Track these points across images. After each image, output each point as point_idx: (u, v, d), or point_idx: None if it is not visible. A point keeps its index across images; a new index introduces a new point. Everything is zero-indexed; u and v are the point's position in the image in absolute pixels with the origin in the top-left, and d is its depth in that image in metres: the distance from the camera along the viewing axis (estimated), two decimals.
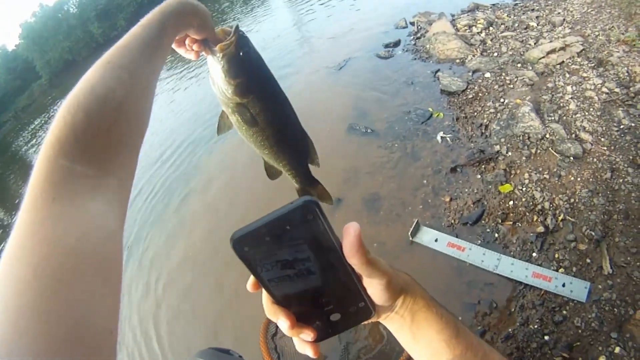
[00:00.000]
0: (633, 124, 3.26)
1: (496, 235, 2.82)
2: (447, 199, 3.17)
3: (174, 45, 0.90)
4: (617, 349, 2.07)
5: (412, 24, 6.38)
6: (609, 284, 2.34)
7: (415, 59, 5.31)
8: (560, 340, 2.21)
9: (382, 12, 7.24)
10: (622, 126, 3.27)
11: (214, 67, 0.89)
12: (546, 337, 2.25)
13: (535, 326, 2.31)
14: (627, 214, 2.65)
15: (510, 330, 2.34)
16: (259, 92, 0.91)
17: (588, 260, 2.49)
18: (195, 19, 0.86)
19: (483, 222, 2.93)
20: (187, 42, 0.92)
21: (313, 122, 4.46)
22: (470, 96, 4.20)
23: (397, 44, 5.89)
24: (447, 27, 5.62)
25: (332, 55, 6.21)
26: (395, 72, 5.14)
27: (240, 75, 0.88)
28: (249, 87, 0.89)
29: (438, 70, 4.78)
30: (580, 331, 2.20)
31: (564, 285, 2.38)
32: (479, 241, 2.81)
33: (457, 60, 4.90)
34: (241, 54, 0.87)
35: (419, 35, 5.92)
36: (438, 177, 3.39)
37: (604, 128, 3.29)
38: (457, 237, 2.85)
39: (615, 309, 2.22)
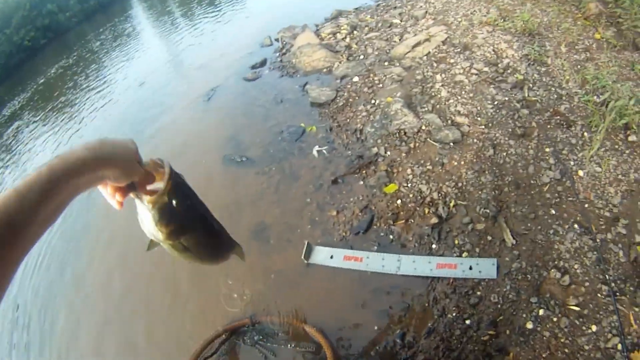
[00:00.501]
0: (506, 98, 3.86)
1: (391, 237, 3.10)
2: (334, 213, 3.42)
3: (99, 186, 0.83)
4: (541, 311, 2.39)
5: (277, 40, 7.03)
6: (515, 254, 2.69)
7: (282, 75, 5.80)
8: (482, 320, 2.48)
9: (247, 33, 7.96)
10: (496, 102, 3.86)
11: (144, 213, 0.92)
12: (467, 321, 2.51)
13: (454, 314, 2.57)
14: (517, 184, 3.10)
15: (430, 325, 2.57)
16: (191, 232, 1.01)
17: (489, 238, 2.85)
18: (111, 170, 0.77)
19: (375, 227, 3.21)
20: (108, 189, 0.85)
21: (187, 159, 4.66)
22: (341, 103, 4.65)
23: (263, 63, 6.42)
24: (312, 38, 6.26)
25: (201, 85, 6.57)
26: (263, 93, 5.54)
27: (172, 222, 0.94)
28: (182, 230, 0.98)
29: (306, 83, 5.25)
30: (499, 306, 2.50)
31: (470, 268, 2.69)
32: (375, 247, 3.06)
33: (324, 70, 5.44)
34: (174, 202, 0.92)
35: (284, 50, 6.50)
36: (321, 192, 3.67)
37: (478, 108, 3.85)
38: (352, 248, 3.08)
39: (528, 276, 2.57)
